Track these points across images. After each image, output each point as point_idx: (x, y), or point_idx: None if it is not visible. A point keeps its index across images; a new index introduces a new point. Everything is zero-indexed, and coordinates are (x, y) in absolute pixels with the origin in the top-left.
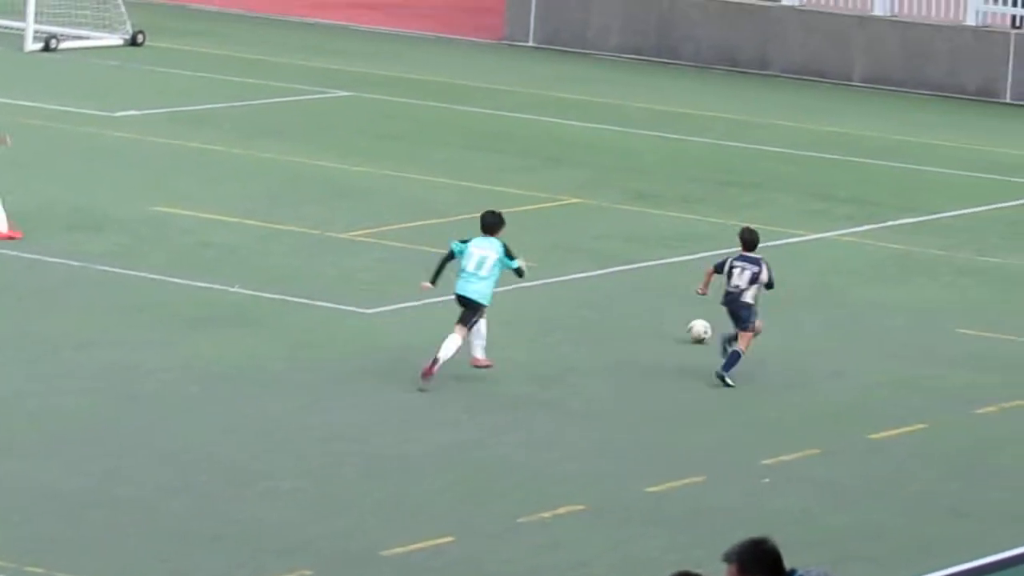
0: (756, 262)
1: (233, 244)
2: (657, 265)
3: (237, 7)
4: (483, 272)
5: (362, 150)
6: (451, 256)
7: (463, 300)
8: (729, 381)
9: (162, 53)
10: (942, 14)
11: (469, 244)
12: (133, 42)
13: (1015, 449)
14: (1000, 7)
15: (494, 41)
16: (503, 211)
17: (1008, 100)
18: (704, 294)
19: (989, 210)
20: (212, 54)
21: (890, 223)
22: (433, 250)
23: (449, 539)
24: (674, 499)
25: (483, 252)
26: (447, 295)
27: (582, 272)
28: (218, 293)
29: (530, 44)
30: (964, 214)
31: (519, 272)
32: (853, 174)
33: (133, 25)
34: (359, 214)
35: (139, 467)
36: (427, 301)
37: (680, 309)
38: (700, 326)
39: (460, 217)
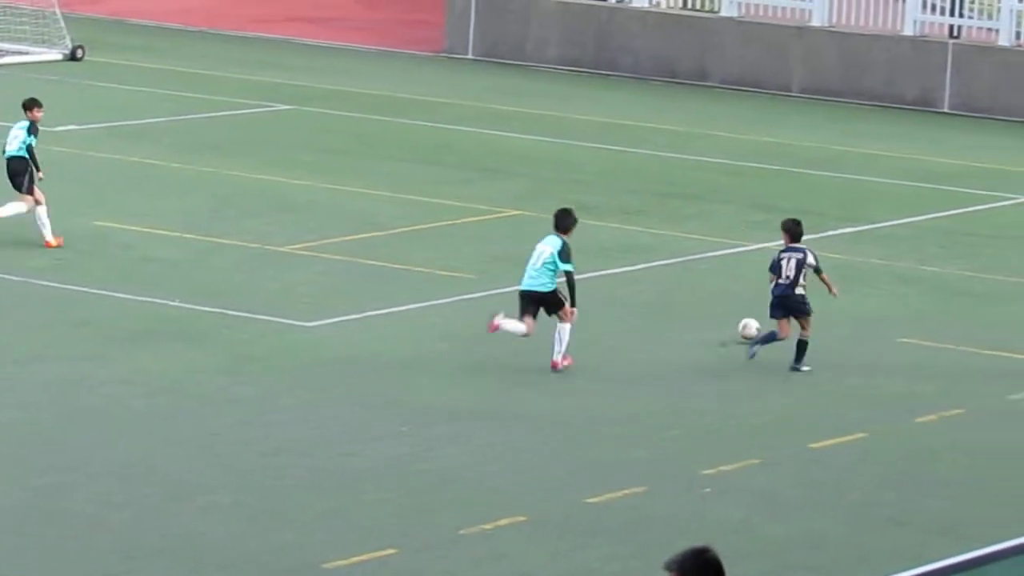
0: (800, 251)
1: (174, 258)
2: (597, 276)
3: (177, 21)
4: (537, 266)
5: (303, 164)
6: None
7: (522, 293)
8: (805, 368)
9: (102, 68)
10: (880, 24)
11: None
12: (73, 57)
13: (954, 458)
14: (937, 17)
15: (433, 54)
16: (443, 224)
17: (946, 109)
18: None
19: (929, 219)
20: (152, 68)
21: (830, 233)
22: (374, 263)
23: (391, 551)
24: (615, 509)
25: (542, 247)
26: (386, 309)
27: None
28: (159, 307)
29: (469, 57)
30: (904, 223)
31: (569, 277)
32: (793, 184)
33: (72, 40)
34: (300, 228)
35: (81, 481)
36: (368, 314)
37: (620, 320)
38: (753, 326)
39: (401, 230)
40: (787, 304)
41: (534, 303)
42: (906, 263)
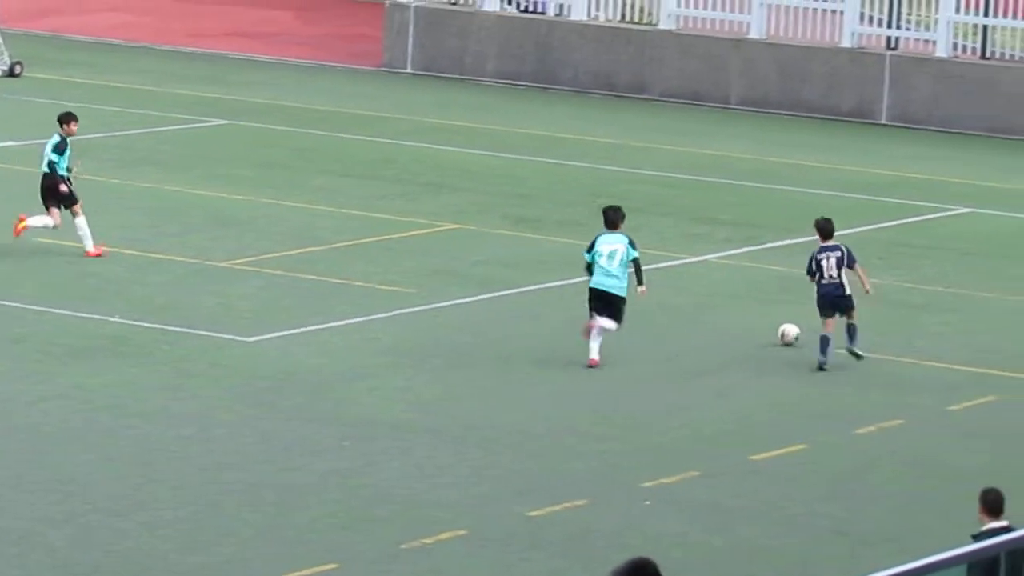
0: (836, 248)
1: (114, 274)
2: (537, 289)
3: (116, 37)
4: (615, 265)
5: (242, 179)
6: (589, 266)
7: (600, 293)
8: (860, 352)
9: (41, 84)
10: (817, 36)
11: (597, 243)
12: (11, 73)
13: (894, 468)
14: (875, 28)
15: (372, 68)
16: (384, 238)
17: (884, 121)
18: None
19: (867, 231)
20: (91, 84)
21: (769, 245)
22: (314, 278)
23: (332, 566)
24: (555, 523)
25: (612, 247)
26: (326, 323)
27: (463, 298)
28: (98, 323)
29: (408, 71)
30: (842, 235)
31: (636, 263)
32: (732, 197)
33: (11, 56)
34: (240, 243)
35: (19, 498)
36: (309, 328)
37: (560, 333)
38: (792, 331)
39: (341, 244)
40: (837, 302)
41: (608, 303)
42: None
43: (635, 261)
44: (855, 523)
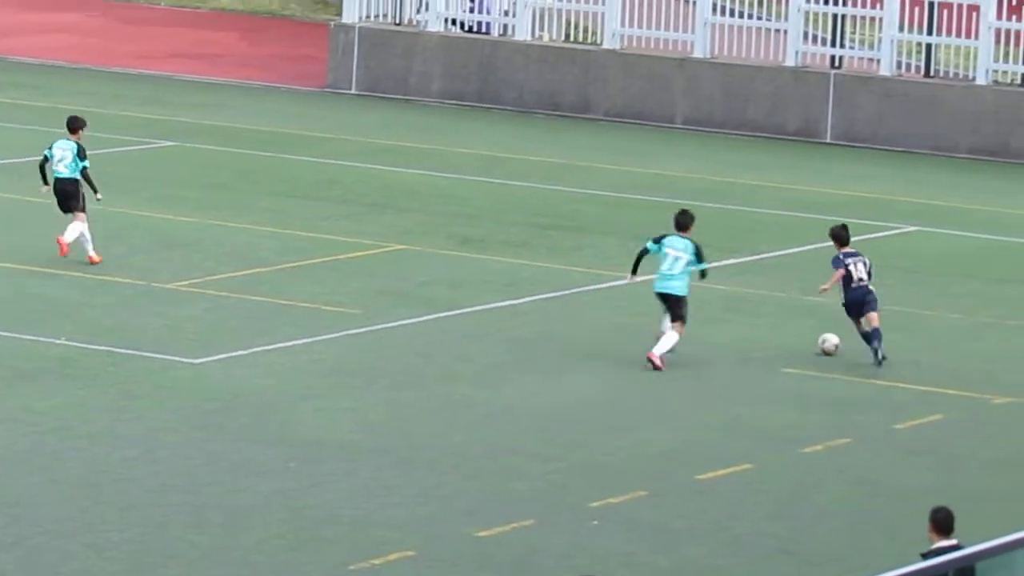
0: (858, 254)
1: (59, 296)
2: (483, 310)
3: (61, 59)
4: (676, 271)
5: (187, 200)
6: (645, 251)
7: (663, 296)
8: (883, 355)
9: None
10: (761, 55)
11: (664, 244)
12: None
13: (841, 487)
14: (819, 48)
15: (317, 89)
16: (329, 259)
17: (829, 140)
18: (826, 291)
19: (812, 249)
20: (34, 106)
21: (715, 264)
22: (260, 299)
23: None
24: (503, 543)
25: (676, 254)
26: (272, 345)
27: (408, 318)
28: (44, 345)
29: (353, 92)
30: (788, 254)
31: (703, 274)
32: None
33: None
34: (185, 264)
35: None
36: (255, 349)
37: (505, 353)
38: (832, 341)
39: (286, 265)
40: (866, 302)
41: (671, 305)
42: (791, 293)
43: (703, 273)
44: (802, 542)
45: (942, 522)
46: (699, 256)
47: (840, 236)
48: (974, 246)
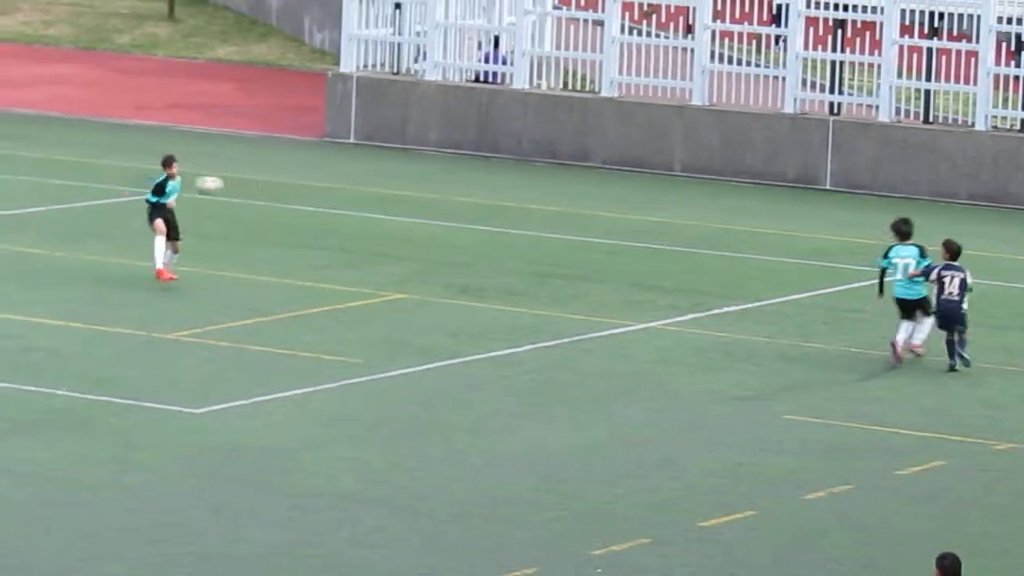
0: (960, 269)
1: (58, 347)
2: (482, 359)
3: (58, 110)
4: (909, 277)
5: (185, 250)
6: (883, 271)
7: (902, 302)
8: (968, 360)
9: None
10: (759, 102)
11: (891, 256)
12: None
13: (843, 534)
14: (817, 94)
15: (315, 139)
16: (328, 308)
17: (828, 187)
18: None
19: (812, 296)
20: (33, 158)
21: (714, 312)
22: (259, 349)
23: None
24: None
25: (905, 260)
26: (272, 394)
27: (408, 368)
28: (44, 396)
29: (351, 141)
30: (787, 301)
31: (926, 271)
32: (676, 264)
33: None
34: (185, 314)
35: None
36: (256, 399)
37: (505, 402)
38: (210, 183)
39: (285, 315)
40: (952, 318)
41: (912, 308)
42: (791, 340)
43: (925, 269)
44: None
45: (949, 568)
46: (923, 255)
47: (951, 248)
48: (974, 292)
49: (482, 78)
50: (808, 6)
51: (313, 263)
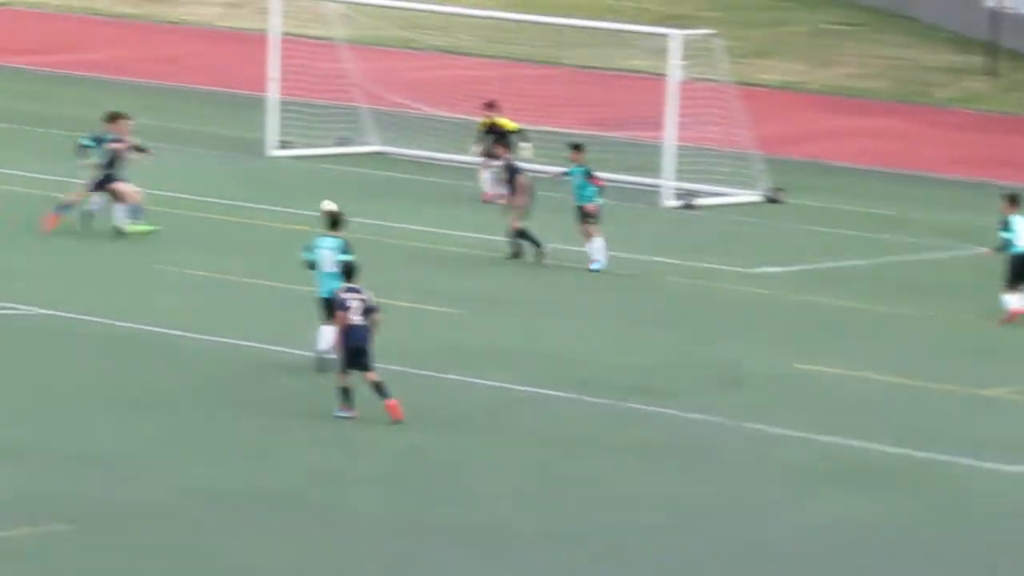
0: None
1: (886, 399)
2: None
3: (871, 163)
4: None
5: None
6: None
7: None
8: None
9: (800, 210)
10: None
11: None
12: (772, 199)
13: None
14: None
15: None
16: None
17: None
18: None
19: None
20: (847, 211)
21: None
22: None
23: None
24: None
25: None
26: None
27: None
28: (855, 449)
29: None
30: None
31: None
32: None
33: (772, 182)
34: (1001, 372)
35: None
36: None
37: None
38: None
39: None
40: None
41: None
42: None
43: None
44: None
45: None
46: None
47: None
48: None
49: None
50: None
51: None
